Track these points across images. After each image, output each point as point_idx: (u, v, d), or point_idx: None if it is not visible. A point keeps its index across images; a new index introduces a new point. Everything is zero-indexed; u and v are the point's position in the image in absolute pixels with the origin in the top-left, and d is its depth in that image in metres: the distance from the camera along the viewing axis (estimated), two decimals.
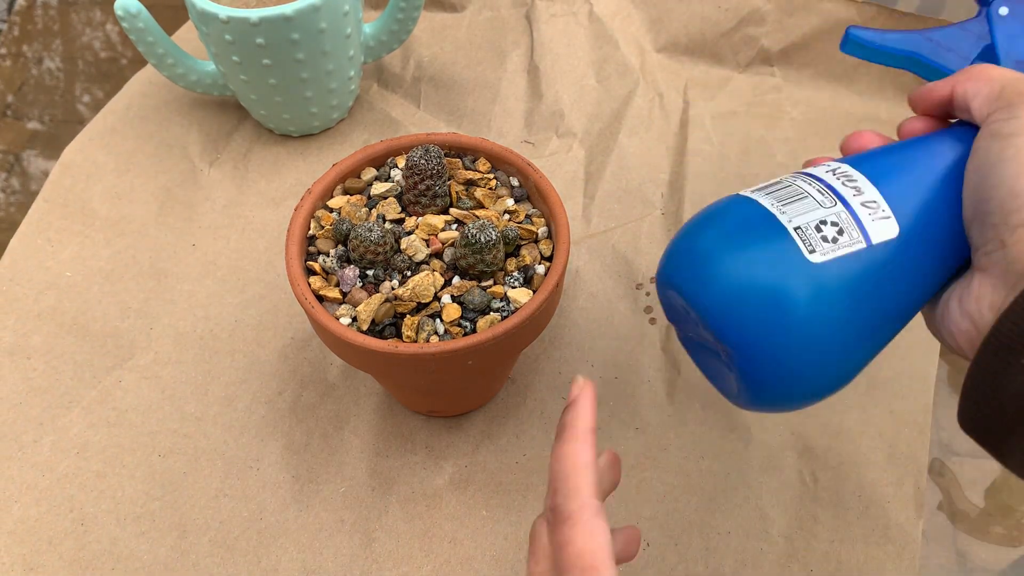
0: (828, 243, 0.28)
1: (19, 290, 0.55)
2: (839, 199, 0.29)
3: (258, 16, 0.53)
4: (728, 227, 0.30)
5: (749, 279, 0.28)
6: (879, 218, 0.29)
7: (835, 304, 0.28)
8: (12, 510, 0.45)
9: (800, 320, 0.28)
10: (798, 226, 0.28)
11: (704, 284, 0.29)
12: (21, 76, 0.72)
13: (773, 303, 0.28)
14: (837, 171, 0.31)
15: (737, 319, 0.28)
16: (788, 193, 0.30)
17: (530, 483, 0.47)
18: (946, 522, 0.46)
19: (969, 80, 0.31)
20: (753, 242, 0.29)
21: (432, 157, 0.43)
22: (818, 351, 0.28)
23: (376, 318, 0.40)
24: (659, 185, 0.60)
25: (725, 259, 0.29)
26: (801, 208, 0.29)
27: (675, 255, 0.31)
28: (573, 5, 0.71)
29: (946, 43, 0.37)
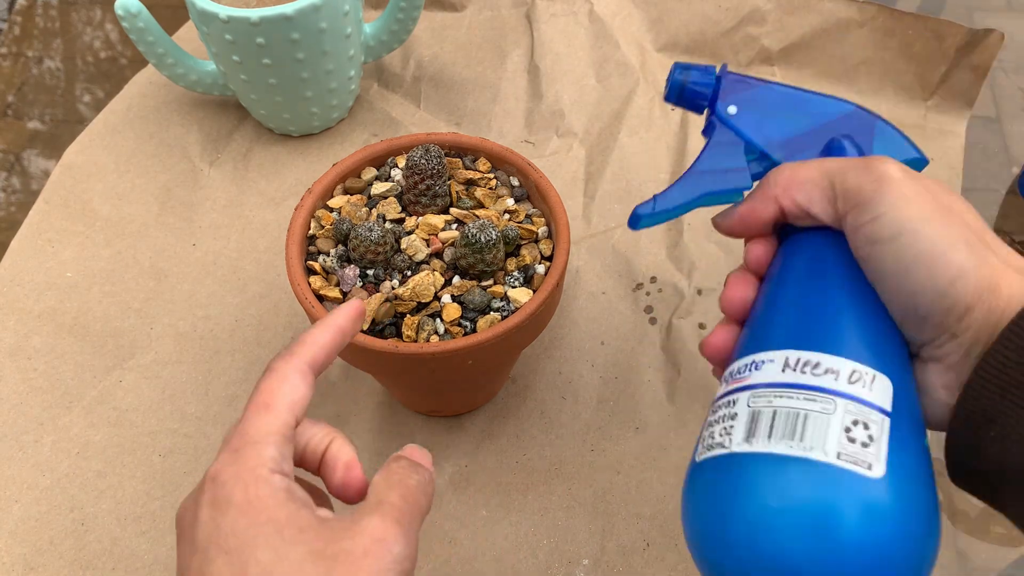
0: (869, 447, 0.25)
1: (20, 290, 0.55)
2: (831, 394, 0.26)
3: (258, 16, 0.53)
4: (771, 493, 0.26)
5: (829, 537, 0.25)
6: (870, 382, 0.27)
7: (911, 496, 0.26)
8: (13, 510, 0.45)
9: (901, 524, 0.25)
10: (838, 453, 0.25)
11: (783, 560, 0.25)
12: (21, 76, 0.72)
13: (867, 537, 0.25)
14: (791, 363, 0.28)
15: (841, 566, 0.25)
16: (784, 422, 0.26)
17: (530, 483, 0.47)
18: (946, 522, 0.46)
19: (791, 190, 0.30)
20: (808, 499, 0.25)
21: (432, 157, 0.43)
22: (926, 532, 0.26)
23: (376, 318, 0.40)
24: (659, 185, 0.60)
25: (794, 527, 0.25)
26: (817, 432, 0.26)
27: (715, 549, 0.27)
28: (573, 5, 0.71)
29: (717, 165, 0.36)
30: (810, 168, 0.31)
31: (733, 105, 0.35)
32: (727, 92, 0.36)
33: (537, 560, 0.44)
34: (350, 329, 0.32)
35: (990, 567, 0.45)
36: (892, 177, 0.28)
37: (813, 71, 0.67)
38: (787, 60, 0.68)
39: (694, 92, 0.36)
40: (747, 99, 0.36)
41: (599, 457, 0.48)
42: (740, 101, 0.35)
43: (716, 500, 0.27)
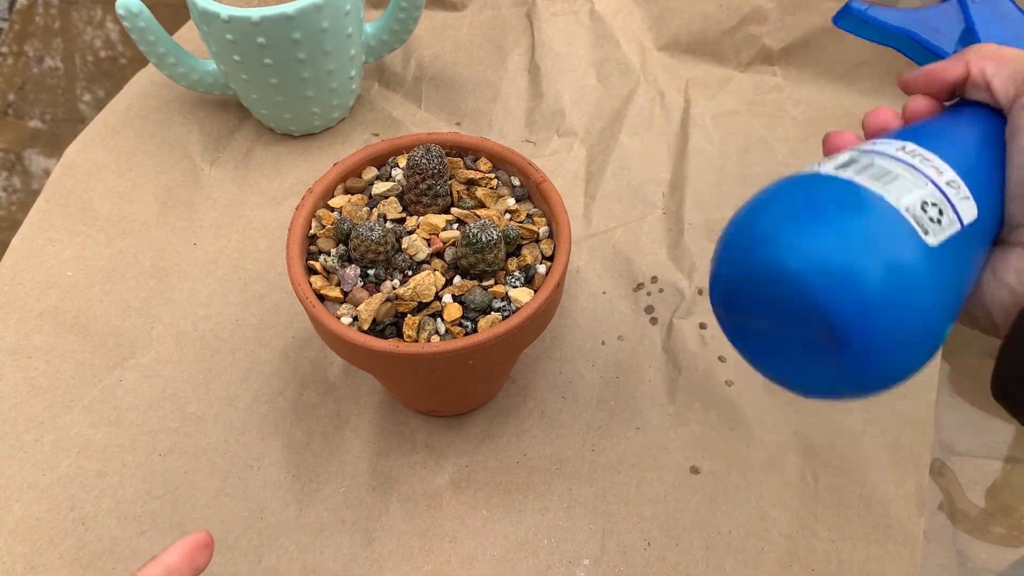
0: (935, 224, 0.27)
1: (20, 289, 0.55)
2: (927, 179, 0.28)
3: (259, 15, 0.53)
4: (830, 203, 0.28)
5: (869, 259, 0.26)
6: (962, 198, 0.29)
7: (944, 287, 0.28)
8: (13, 509, 0.45)
9: (920, 302, 0.27)
10: (907, 207, 0.27)
11: (813, 263, 0.27)
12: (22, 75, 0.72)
13: (895, 286, 0.26)
14: (907, 149, 0.30)
15: (854, 300, 0.26)
16: (879, 171, 0.28)
17: (531, 483, 0.47)
18: (946, 522, 0.46)
19: (986, 60, 0.31)
20: (868, 223, 0.27)
21: (433, 156, 0.43)
22: (926, 333, 0.28)
23: (377, 317, 0.40)
24: (660, 184, 0.60)
25: (838, 236, 0.27)
26: (900, 188, 0.28)
27: (761, 233, 0.28)
28: (574, 4, 0.71)
29: (934, 23, 0.38)
30: (1012, 50, 0.32)
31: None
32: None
33: (537, 560, 0.44)
34: (179, 565, 0.30)
35: (990, 567, 0.45)
36: None
37: (814, 71, 0.67)
38: (788, 60, 0.68)
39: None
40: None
41: (600, 457, 0.48)
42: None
43: (783, 197, 0.29)
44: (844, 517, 0.45)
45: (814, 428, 0.48)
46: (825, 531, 0.45)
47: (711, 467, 0.47)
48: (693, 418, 0.49)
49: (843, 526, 0.45)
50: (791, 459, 0.47)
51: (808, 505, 0.45)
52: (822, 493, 0.46)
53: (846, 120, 0.64)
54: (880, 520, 0.45)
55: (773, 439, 0.48)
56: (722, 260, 0.30)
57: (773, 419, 0.49)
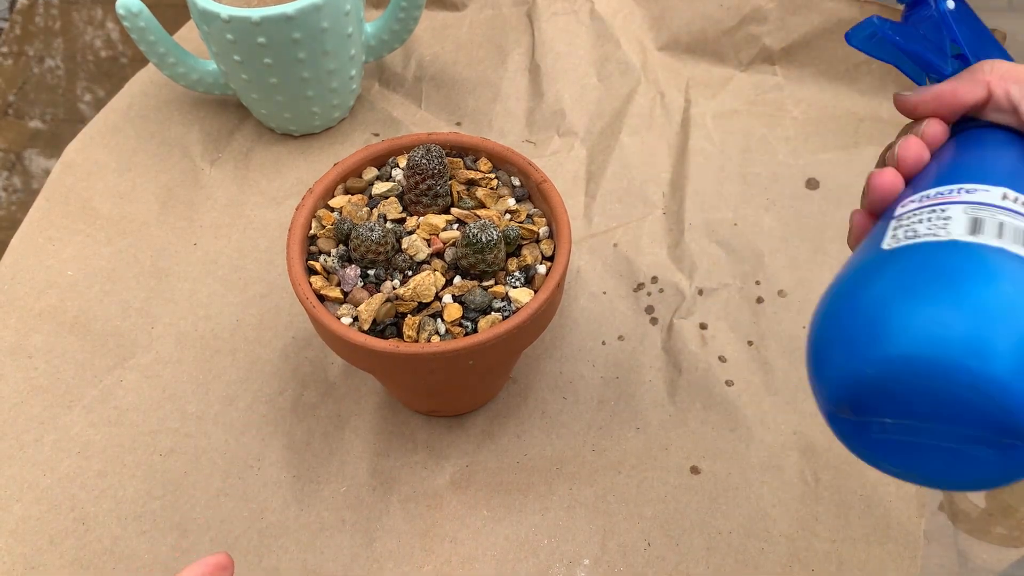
0: None
1: (20, 289, 0.55)
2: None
3: (259, 15, 0.53)
4: (1001, 288, 0.23)
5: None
6: None
7: None
8: (13, 509, 0.45)
9: None
10: None
11: (1010, 366, 0.22)
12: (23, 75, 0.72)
13: None
14: (1009, 196, 0.26)
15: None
16: (1014, 232, 0.25)
17: (531, 483, 0.47)
18: (947, 522, 0.46)
19: (1008, 81, 0.31)
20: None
21: (433, 157, 0.43)
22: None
23: (377, 318, 0.40)
24: (660, 184, 0.60)
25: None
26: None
27: (925, 327, 0.23)
28: (574, 3, 0.71)
29: (932, 39, 0.37)
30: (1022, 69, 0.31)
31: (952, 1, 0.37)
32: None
33: (538, 560, 0.44)
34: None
35: (990, 567, 0.45)
36: None
37: (814, 70, 0.67)
38: (788, 59, 0.67)
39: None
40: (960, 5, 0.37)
41: (600, 457, 0.48)
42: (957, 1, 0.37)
43: (921, 284, 0.24)
44: (844, 517, 0.45)
45: (814, 428, 0.48)
46: (825, 531, 0.45)
47: (711, 467, 0.47)
48: (693, 418, 0.49)
49: (843, 527, 0.45)
50: (791, 459, 0.47)
51: (808, 505, 0.45)
52: (822, 493, 0.46)
53: (846, 119, 0.64)
54: (880, 521, 0.45)
55: (773, 439, 0.48)
56: (855, 355, 0.24)
57: (773, 419, 0.49)
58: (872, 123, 0.63)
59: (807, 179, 0.61)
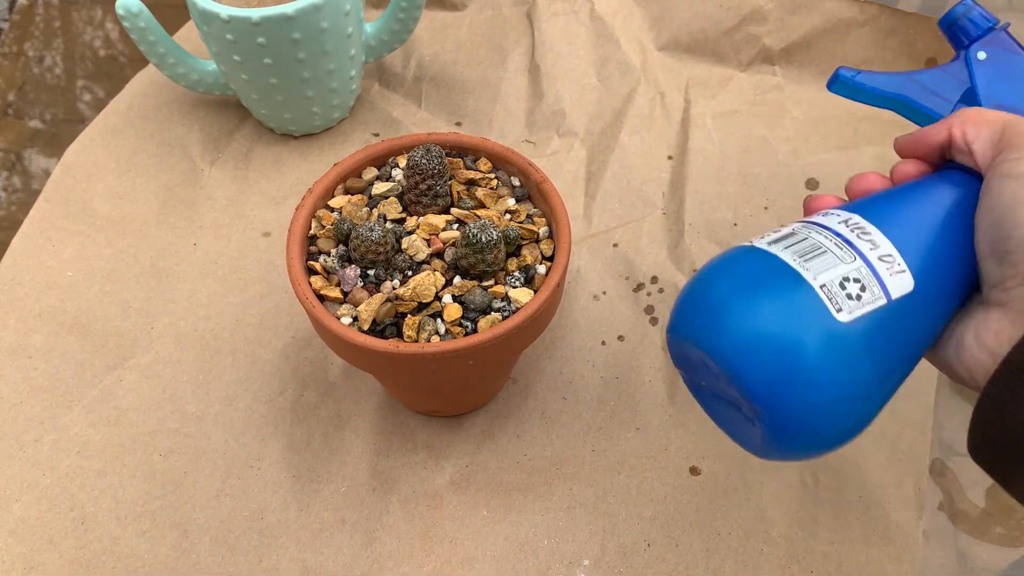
0: (852, 301, 0.29)
1: (20, 289, 0.55)
2: (857, 253, 0.29)
3: (259, 15, 0.53)
4: (751, 280, 0.30)
5: (777, 336, 0.28)
6: (896, 272, 0.29)
7: (859, 360, 0.28)
8: (13, 509, 0.45)
9: (828, 378, 0.28)
10: (823, 283, 0.29)
11: (729, 338, 0.29)
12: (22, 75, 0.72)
13: (803, 361, 0.28)
14: (850, 222, 0.31)
15: (764, 376, 0.28)
16: (806, 247, 0.30)
17: (531, 483, 0.47)
18: (947, 522, 0.46)
19: (967, 124, 0.32)
20: (780, 297, 0.29)
21: (433, 157, 0.43)
22: (843, 405, 0.29)
23: (377, 318, 0.40)
24: (660, 184, 0.60)
25: (751, 314, 0.29)
26: (823, 264, 0.29)
27: (693, 305, 0.31)
28: (574, 3, 0.71)
29: (930, 86, 0.38)
30: (996, 114, 0.32)
31: (984, 52, 0.38)
32: (992, 42, 0.38)
33: (538, 560, 0.44)
34: None
35: (990, 567, 0.45)
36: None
37: (814, 71, 0.67)
38: (788, 59, 0.68)
39: (964, 28, 0.39)
40: (1000, 57, 0.38)
41: (600, 457, 0.48)
42: (993, 54, 0.38)
43: (718, 270, 0.31)
44: (843, 519, 0.45)
45: None
46: (824, 533, 0.45)
47: (711, 468, 0.47)
48: (693, 419, 0.49)
49: (842, 528, 0.45)
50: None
51: (807, 507, 0.45)
52: (822, 495, 0.46)
53: (846, 119, 0.64)
54: (879, 522, 0.45)
55: None
56: (671, 322, 0.32)
57: None
58: (872, 123, 0.63)
59: (807, 179, 0.61)
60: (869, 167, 0.61)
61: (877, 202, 0.32)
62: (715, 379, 0.31)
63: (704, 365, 0.31)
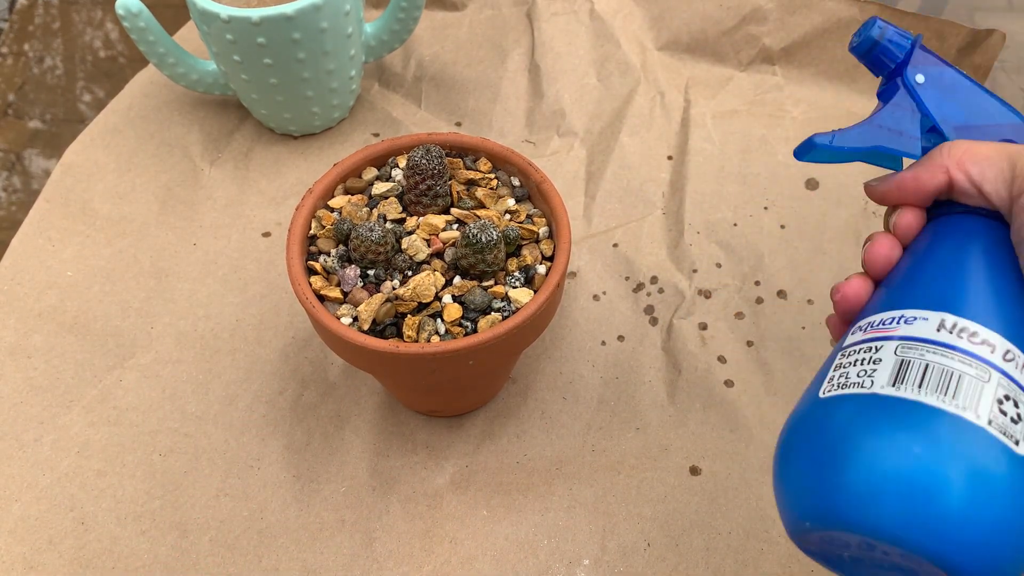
0: (1019, 424, 0.25)
1: (20, 289, 0.55)
2: (988, 365, 0.26)
3: (259, 15, 0.53)
4: (919, 450, 0.25)
5: (975, 508, 0.24)
6: (1022, 365, 0.26)
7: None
8: (12, 509, 0.45)
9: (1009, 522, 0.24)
10: (989, 418, 0.25)
11: (916, 518, 0.24)
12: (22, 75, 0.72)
13: (1002, 517, 0.24)
14: (947, 326, 0.27)
15: (966, 551, 0.24)
16: (940, 378, 0.26)
17: (531, 483, 0.47)
18: None
19: (966, 163, 0.30)
20: (962, 462, 0.24)
21: (433, 157, 0.43)
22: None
23: (377, 318, 0.40)
24: (660, 184, 0.60)
25: (941, 491, 0.24)
26: (970, 393, 0.25)
27: (842, 492, 0.25)
28: (574, 3, 0.71)
29: (892, 125, 0.36)
30: (990, 146, 0.30)
31: (921, 75, 0.35)
32: (917, 61, 0.35)
33: (537, 560, 0.44)
34: None
35: None
36: None
37: (814, 70, 0.67)
38: (788, 59, 0.68)
39: (887, 51, 0.36)
40: (934, 74, 0.35)
41: (600, 457, 0.48)
42: (928, 73, 0.35)
43: (847, 438, 0.26)
44: None
45: None
46: None
47: (711, 467, 0.47)
48: (693, 418, 0.49)
49: None
50: None
51: None
52: None
53: (846, 119, 0.64)
54: None
55: (773, 439, 0.48)
56: (798, 507, 0.27)
57: (773, 419, 0.49)
58: None
59: (807, 179, 0.61)
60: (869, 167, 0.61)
61: (936, 281, 0.29)
62: (875, 562, 0.26)
63: (866, 546, 0.26)
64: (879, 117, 0.35)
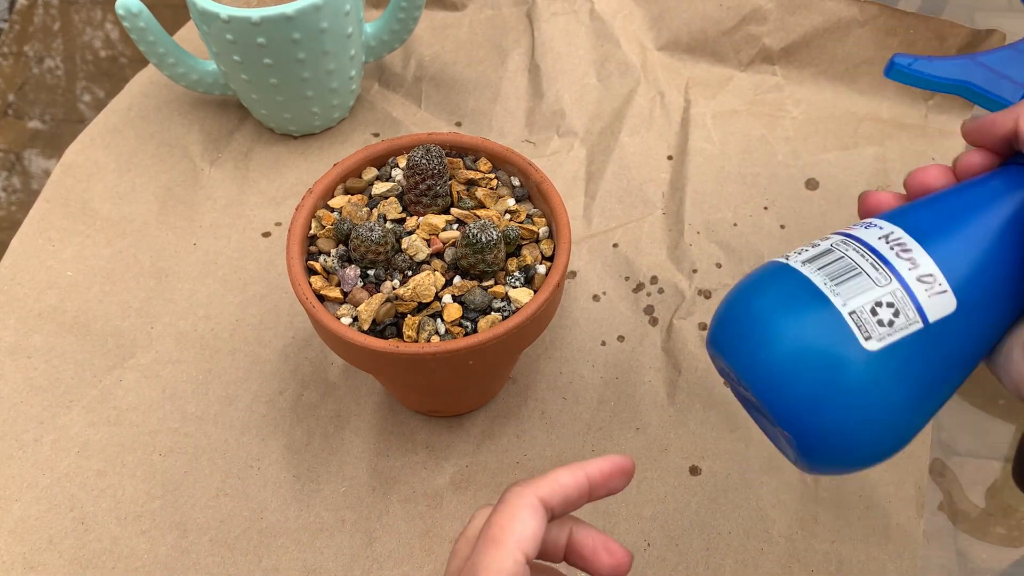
0: (884, 327, 0.27)
1: (20, 289, 0.55)
2: (893, 274, 0.28)
3: (259, 15, 0.53)
4: (780, 303, 0.29)
5: (803, 364, 0.27)
6: (935, 293, 0.28)
7: (892, 387, 0.27)
8: (12, 509, 0.45)
9: (856, 406, 0.27)
10: (853, 310, 0.27)
11: (755, 363, 0.28)
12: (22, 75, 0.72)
13: (829, 391, 0.27)
14: (891, 238, 0.29)
15: (790, 403, 0.28)
16: (840, 268, 0.29)
17: None
18: (947, 522, 0.46)
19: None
20: (807, 324, 0.28)
21: (433, 157, 0.43)
22: (873, 431, 0.28)
23: (377, 318, 0.40)
24: (660, 184, 0.60)
25: (777, 340, 0.28)
26: (854, 288, 0.28)
27: (725, 322, 0.30)
28: (574, 3, 0.71)
29: (999, 68, 0.34)
30: None
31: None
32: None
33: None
34: (600, 481, 0.31)
35: (990, 567, 0.45)
36: None
37: (814, 70, 0.67)
38: (788, 59, 0.68)
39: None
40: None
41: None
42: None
43: (745, 285, 0.30)
44: (843, 518, 0.45)
45: None
46: (825, 532, 0.45)
47: (711, 467, 0.47)
48: (693, 418, 0.49)
49: (842, 527, 0.45)
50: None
51: (808, 506, 0.45)
52: (822, 494, 0.46)
53: (846, 119, 0.64)
54: (879, 521, 0.45)
55: None
56: (708, 334, 0.32)
57: None
58: (872, 123, 0.63)
59: (807, 179, 0.61)
60: (869, 167, 0.61)
61: (927, 207, 0.30)
62: (748, 393, 0.31)
63: (738, 380, 0.30)
64: (988, 55, 0.34)
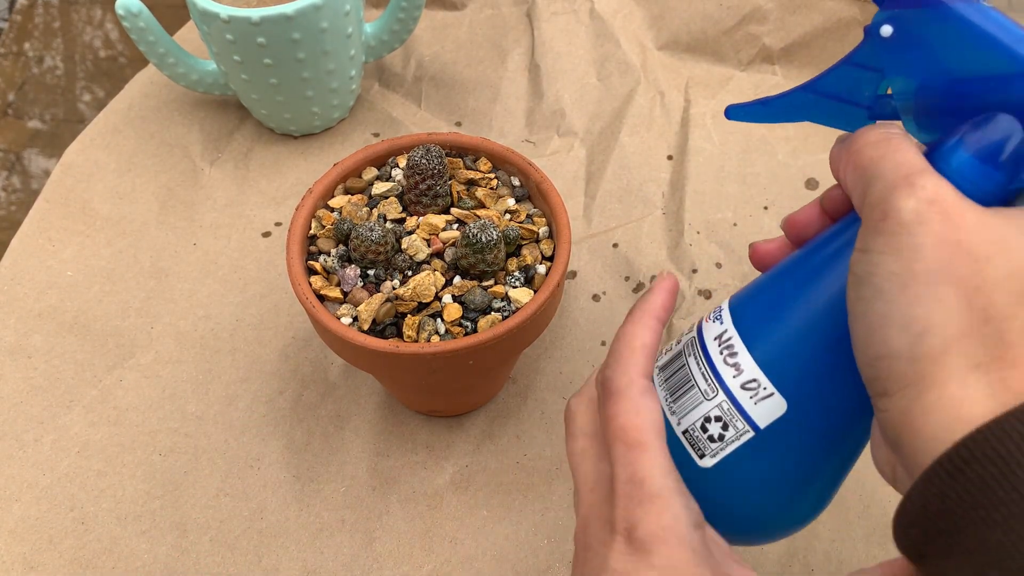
0: (715, 443, 0.27)
1: (20, 289, 0.55)
2: (720, 386, 0.28)
3: (259, 15, 0.53)
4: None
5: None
6: (761, 399, 0.27)
7: (741, 495, 0.28)
8: (13, 509, 0.45)
9: (715, 513, 0.27)
10: (685, 429, 0.28)
11: None
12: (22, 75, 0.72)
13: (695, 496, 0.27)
14: (723, 339, 0.28)
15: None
16: (678, 381, 0.29)
17: (531, 483, 0.47)
18: None
19: (846, 163, 0.26)
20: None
21: (433, 157, 0.43)
22: (750, 525, 0.28)
23: (377, 318, 0.40)
24: (660, 184, 0.60)
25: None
26: (688, 403, 0.28)
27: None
28: (574, 3, 0.71)
29: (837, 91, 0.28)
30: (888, 142, 0.24)
31: (888, 26, 0.27)
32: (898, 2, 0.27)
33: (537, 560, 0.44)
34: (668, 316, 0.30)
35: None
36: (904, 219, 0.22)
37: (814, 70, 0.66)
38: (788, 59, 0.68)
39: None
40: (911, 20, 0.26)
41: None
42: (897, 22, 0.27)
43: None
44: (844, 518, 0.45)
45: None
46: (825, 532, 0.45)
47: None
48: None
49: (843, 527, 0.45)
50: None
51: None
52: None
53: None
54: (880, 521, 0.45)
55: None
56: None
57: None
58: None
59: (807, 179, 0.61)
60: None
61: (760, 293, 0.29)
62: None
63: None
64: (825, 79, 0.29)
